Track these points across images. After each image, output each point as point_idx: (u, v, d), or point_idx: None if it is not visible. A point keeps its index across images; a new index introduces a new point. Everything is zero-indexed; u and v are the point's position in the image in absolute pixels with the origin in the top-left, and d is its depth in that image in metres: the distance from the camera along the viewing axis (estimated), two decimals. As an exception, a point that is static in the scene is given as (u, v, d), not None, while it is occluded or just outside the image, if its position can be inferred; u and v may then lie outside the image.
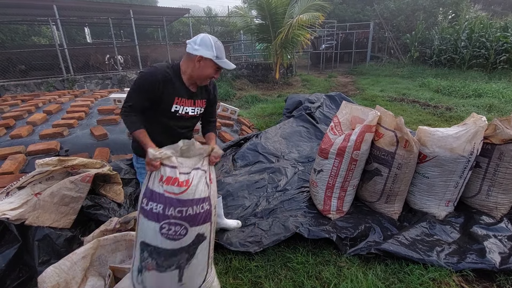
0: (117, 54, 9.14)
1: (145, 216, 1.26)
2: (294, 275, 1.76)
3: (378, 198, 2.32)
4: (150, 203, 1.25)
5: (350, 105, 2.56)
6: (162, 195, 1.23)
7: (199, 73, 1.51)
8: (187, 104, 1.59)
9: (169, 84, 1.50)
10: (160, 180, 1.25)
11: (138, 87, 1.47)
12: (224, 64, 1.51)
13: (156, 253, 1.23)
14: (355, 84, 9.64)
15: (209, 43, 1.47)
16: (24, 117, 3.62)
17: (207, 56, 1.46)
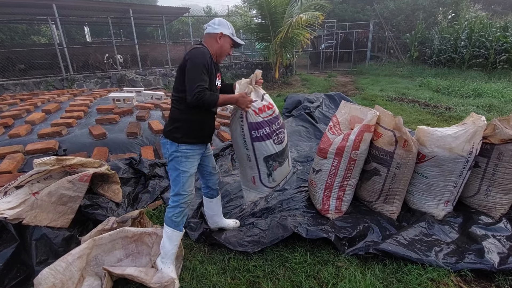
0: (117, 53, 9.13)
1: (259, 141, 1.88)
2: (292, 275, 1.76)
3: (376, 198, 2.31)
4: (258, 130, 1.86)
5: (349, 105, 2.55)
6: (263, 121, 1.86)
7: (220, 49, 1.79)
8: (218, 77, 1.86)
9: (211, 61, 1.71)
10: (256, 114, 1.83)
11: (200, 67, 1.61)
12: (237, 40, 1.83)
13: (276, 156, 1.97)
14: (354, 84, 9.63)
15: (225, 23, 1.79)
16: (23, 116, 3.62)
17: (226, 33, 1.77)
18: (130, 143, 3.18)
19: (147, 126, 3.56)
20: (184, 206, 1.77)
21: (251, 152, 1.93)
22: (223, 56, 1.85)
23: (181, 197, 1.74)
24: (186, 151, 1.71)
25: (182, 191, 1.74)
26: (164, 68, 9.84)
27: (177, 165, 1.72)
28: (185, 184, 1.73)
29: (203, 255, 1.98)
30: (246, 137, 1.89)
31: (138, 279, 1.65)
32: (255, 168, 1.99)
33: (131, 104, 4.16)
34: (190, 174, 1.74)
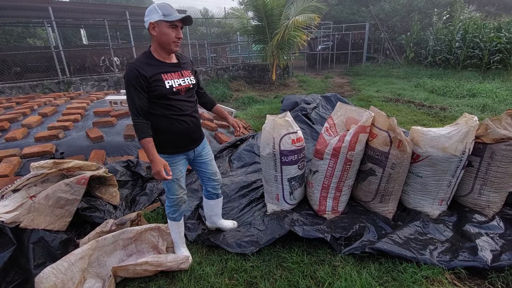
0: (114, 55, 9.12)
1: (287, 165, 2.28)
2: (289, 275, 1.77)
3: (372, 197, 2.34)
4: (288, 157, 2.24)
5: (345, 106, 2.58)
6: (295, 150, 2.25)
7: (160, 39, 1.55)
8: (175, 76, 1.64)
9: (147, 67, 1.54)
10: (293, 143, 2.23)
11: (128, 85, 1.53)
12: (173, 18, 1.52)
13: (298, 179, 2.36)
14: (351, 85, 9.70)
15: (152, 8, 1.54)
16: (19, 119, 3.61)
17: (155, 19, 1.51)
18: (128, 146, 3.19)
19: (144, 129, 3.56)
20: (177, 207, 1.86)
21: (279, 174, 2.29)
22: (170, 44, 1.57)
23: (172, 199, 1.83)
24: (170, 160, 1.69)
25: (170, 195, 1.82)
26: (161, 70, 9.81)
27: None
28: (171, 189, 1.79)
29: (200, 256, 1.99)
30: (277, 161, 2.25)
31: (154, 263, 1.71)
32: (280, 187, 2.34)
33: (128, 106, 4.16)
34: (172, 181, 1.74)
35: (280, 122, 2.25)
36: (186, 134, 1.73)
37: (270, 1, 8.19)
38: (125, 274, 1.71)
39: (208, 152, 1.98)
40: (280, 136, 2.22)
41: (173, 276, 1.81)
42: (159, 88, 1.56)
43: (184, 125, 1.69)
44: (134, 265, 1.69)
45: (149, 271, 1.74)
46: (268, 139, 2.27)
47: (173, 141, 1.70)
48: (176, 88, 1.62)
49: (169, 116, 1.64)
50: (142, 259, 1.73)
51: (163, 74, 1.58)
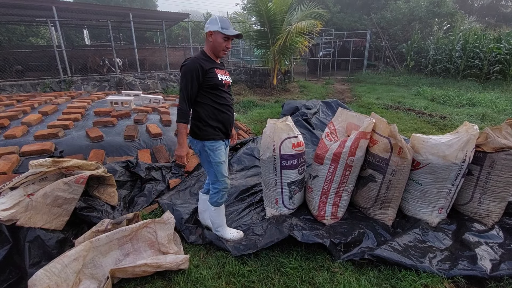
0: (116, 56, 9.15)
1: (287, 169, 2.27)
2: (287, 280, 1.76)
3: (372, 204, 2.33)
4: (288, 161, 2.23)
5: (345, 112, 2.59)
6: (296, 154, 2.25)
7: (214, 45, 1.90)
8: (222, 73, 1.98)
9: (205, 62, 1.87)
10: (293, 148, 2.21)
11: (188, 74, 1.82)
12: (228, 32, 1.86)
13: (298, 183, 2.36)
14: (351, 91, 9.75)
15: (214, 19, 1.87)
16: (19, 117, 3.60)
17: (214, 29, 1.84)
18: (127, 146, 3.18)
19: (145, 130, 3.56)
20: (225, 190, 2.06)
21: (279, 178, 2.30)
22: (219, 52, 1.93)
23: (221, 182, 2.01)
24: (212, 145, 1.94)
25: (220, 178, 2.00)
26: (163, 73, 9.87)
27: (208, 158, 1.96)
28: (221, 171, 2.00)
29: (198, 260, 1.97)
30: (277, 165, 2.24)
31: (154, 265, 1.71)
32: (279, 191, 2.34)
33: (129, 107, 4.16)
34: (221, 163, 1.98)
35: (281, 126, 2.25)
36: (228, 122, 2.02)
37: (273, 7, 8.27)
38: (123, 275, 1.69)
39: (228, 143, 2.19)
40: (281, 140, 2.22)
41: (170, 278, 1.79)
42: (214, 78, 1.88)
43: (228, 114, 2.00)
44: (133, 267, 1.67)
45: (147, 272, 1.72)
46: (268, 143, 2.27)
47: (219, 129, 1.97)
48: (224, 81, 1.96)
49: (217, 106, 1.93)
50: (141, 261, 1.71)
51: (216, 69, 1.92)
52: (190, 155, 1.82)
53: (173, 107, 4.91)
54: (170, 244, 1.97)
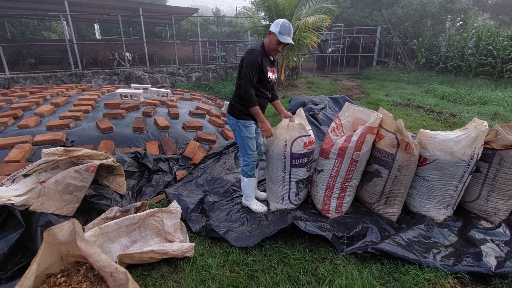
0: (125, 51, 9.25)
1: (297, 168, 2.29)
2: (290, 270, 1.78)
3: (377, 199, 2.33)
4: (299, 160, 2.25)
5: (352, 107, 2.58)
6: (307, 153, 2.26)
7: (268, 44, 2.15)
8: (271, 70, 2.23)
9: (264, 58, 2.11)
10: (304, 146, 2.22)
11: (251, 64, 2.06)
12: (282, 39, 2.07)
13: (304, 181, 2.38)
14: (360, 88, 9.64)
15: (278, 22, 2.08)
16: (32, 108, 3.70)
17: (273, 31, 2.08)
18: (136, 138, 3.24)
19: (153, 122, 3.61)
20: (253, 163, 2.33)
21: (287, 176, 2.32)
22: (271, 50, 2.16)
23: (250, 156, 2.29)
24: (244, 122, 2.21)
25: (249, 152, 2.28)
26: (172, 67, 9.94)
27: (240, 133, 2.23)
28: (251, 146, 2.27)
29: (203, 248, 2.01)
30: (287, 163, 2.27)
31: (160, 252, 1.76)
32: (286, 188, 2.37)
33: (138, 100, 4.22)
34: (251, 139, 2.26)
35: (294, 124, 2.25)
36: (262, 108, 2.24)
37: (282, 1, 8.20)
38: (131, 261, 1.74)
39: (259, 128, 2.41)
40: (293, 138, 2.21)
41: (176, 265, 1.84)
42: (263, 76, 2.15)
43: (262, 104, 2.24)
44: (140, 253, 1.72)
45: (154, 259, 1.77)
46: (277, 140, 2.26)
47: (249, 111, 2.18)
48: (270, 78, 2.23)
49: (258, 93, 2.18)
50: (148, 248, 1.76)
51: (268, 67, 2.18)
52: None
53: (181, 101, 4.95)
54: (176, 232, 2.02)
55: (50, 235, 0.95)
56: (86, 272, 1.00)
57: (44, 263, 0.94)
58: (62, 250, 1.02)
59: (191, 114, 4.22)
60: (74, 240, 0.95)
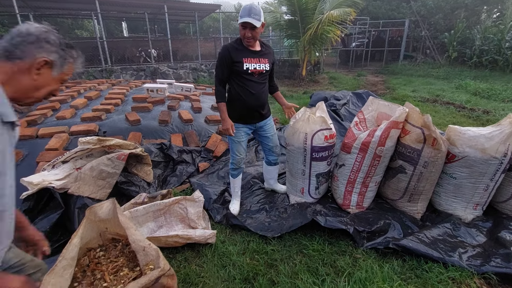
0: (151, 47, 9.58)
1: (317, 161, 2.27)
2: (309, 261, 1.81)
3: (400, 196, 2.28)
4: (319, 153, 2.24)
5: (377, 101, 2.52)
6: (327, 146, 2.24)
7: (240, 34, 2.02)
8: (251, 61, 2.06)
9: (235, 51, 2.02)
10: (325, 140, 2.20)
11: (218, 61, 2.06)
12: (240, 21, 1.92)
13: (325, 175, 2.37)
14: (385, 84, 9.30)
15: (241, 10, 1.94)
16: (68, 101, 3.97)
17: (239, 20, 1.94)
18: (162, 130, 3.38)
19: (177, 115, 3.75)
20: (236, 165, 2.32)
21: (307, 169, 2.32)
22: (243, 39, 2.01)
23: (233, 157, 2.30)
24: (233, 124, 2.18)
25: (232, 154, 2.30)
26: (194, 63, 10.16)
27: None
28: (233, 149, 2.27)
29: (224, 236, 2.09)
30: (307, 156, 2.26)
31: (184, 237, 1.86)
32: (306, 181, 2.37)
33: (163, 94, 4.39)
34: (235, 142, 2.24)
35: (315, 117, 2.24)
36: (248, 109, 2.15)
37: (305, -5, 8.07)
38: (157, 244, 1.84)
39: (270, 128, 2.35)
40: (313, 132, 2.20)
41: (198, 250, 1.93)
42: (238, 68, 2.02)
43: (248, 102, 2.11)
44: (166, 236, 1.83)
45: (178, 243, 1.87)
46: (298, 133, 2.26)
47: (237, 112, 2.16)
48: (252, 70, 2.06)
49: (240, 91, 2.09)
50: (173, 232, 1.86)
51: (244, 58, 2.02)
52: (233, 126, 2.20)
53: (204, 95, 5.08)
54: (199, 220, 2.11)
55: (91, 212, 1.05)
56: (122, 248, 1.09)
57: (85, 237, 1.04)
58: (101, 227, 1.12)
59: (213, 108, 4.32)
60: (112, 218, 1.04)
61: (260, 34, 2.03)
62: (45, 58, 0.84)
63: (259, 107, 2.19)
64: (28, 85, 0.83)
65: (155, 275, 0.90)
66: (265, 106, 2.25)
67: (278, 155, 2.50)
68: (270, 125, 2.36)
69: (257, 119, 2.25)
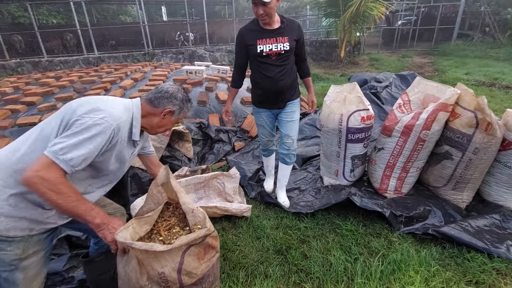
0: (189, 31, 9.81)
1: (353, 143, 2.23)
2: (342, 240, 1.83)
3: (444, 183, 2.16)
4: (355, 134, 2.19)
5: (424, 82, 2.36)
6: (364, 128, 2.18)
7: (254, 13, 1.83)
8: (268, 42, 1.88)
9: (249, 33, 1.91)
10: (362, 121, 2.14)
11: (235, 46, 1.99)
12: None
13: (361, 157, 2.31)
14: (433, 65, 8.50)
15: None
16: (117, 82, 4.31)
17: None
18: (200, 110, 3.54)
19: (214, 96, 3.87)
20: (263, 146, 2.29)
21: (342, 151, 2.27)
22: (258, 18, 1.84)
23: (259, 139, 2.29)
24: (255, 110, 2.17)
25: (258, 134, 2.28)
26: (230, 45, 10.21)
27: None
28: (258, 131, 2.26)
29: (259, 211, 2.19)
30: (342, 138, 2.21)
31: (222, 208, 2.00)
32: (341, 163, 2.33)
33: (201, 76, 4.54)
34: (257, 124, 2.21)
35: (351, 97, 2.17)
36: (266, 95, 2.02)
37: (348, -30, 7.54)
38: None
39: (288, 114, 2.09)
40: (349, 112, 2.16)
41: (235, 222, 2.06)
42: (252, 50, 1.90)
43: (265, 86, 1.98)
44: (205, 207, 1.97)
45: (217, 214, 2.01)
46: (333, 114, 2.21)
47: (256, 96, 2.08)
48: (266, 52, 1.87)
49: (257, 75, 1.99)
50: (212, 204, 2.00)
51: (258, 40, 1.87)
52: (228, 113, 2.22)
53: (239, 77, 5.14)
54: (235, 195, 2.23)
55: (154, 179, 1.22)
56: (174, 210, 1.22)
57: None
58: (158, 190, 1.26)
59: (248, 90, 4.37)
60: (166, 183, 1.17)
61: (276, 9, 1.83)
62: (170, 109, 1.20)
63: (278, 93, 1.97)
64: (155, 123, 1.21)
65: (203, 233, 1.01)
66: (286, 91, 1.99)
67: (290, 151, 2.14)
68: (290, 110, 2.07)
69: (278, 105, 2.05)
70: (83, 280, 1.52)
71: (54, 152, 0.87)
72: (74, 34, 9.11)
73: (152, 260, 0.92)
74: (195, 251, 1.02)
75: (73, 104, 1.01)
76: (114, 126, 0.98)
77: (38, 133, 0.99)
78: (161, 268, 0.92)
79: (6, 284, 0.94)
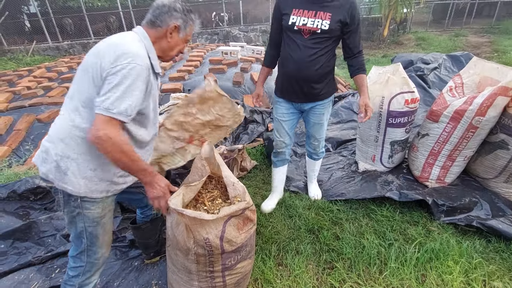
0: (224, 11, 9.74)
1: (394, 127, 2.12)
2: (376, 225, 1.81)
3: (495, 175, 2.00)
4: (397, 119, 2.07)
5: (482, 63, 2.13)
6: (407, 112, 2.06)
7: None
8: (306, 14, 1.48)
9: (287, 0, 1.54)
10: (406, 104, 2.02)
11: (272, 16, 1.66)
12: None
13: (401, 143, 2.21)
14: (492, 46, 7.55)
15: None
16: (157, 63, 4.51)
17: None
18: (235, 91, 3.59)
19: (249, 77, 3.88)
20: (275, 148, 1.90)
21: (381, 136, 2.18)
22: None
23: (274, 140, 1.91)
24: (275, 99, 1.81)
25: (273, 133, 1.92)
26: (264, 25, 9.99)
27: None
28: (273, 127, 1.90)
29: (290, 193, 2.23)
30: (382, 121, 2.12)
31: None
32: (379, 149, 2.24)
33: (236, 57, 4.55)
34: (274, 119, 1.82)
35: (395, 79, 2.04)
36: (287, 81, 1.63)
37: None
38: None
39: (318, 117, 1.75)
40: (392, 95, 2.04)
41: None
42: (284, 21, 1.54)
43: (288, 71, 1.60)
44: None
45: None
46: (374, 97, 2.08)
47: (278, 82, 1.73)
48: (298, 26, 1.49)
49: (283, 55, 1.62)
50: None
51: (294, 9, 1.50)
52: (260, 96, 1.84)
53: (274, 58, 5.05)
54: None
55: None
56: (216, 183, 1.31)
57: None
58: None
59: (284, 71, 4.30)
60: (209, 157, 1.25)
61: None
62: (174, 23, 1.06)
63: (302, 81, 1.58)
64: (166, 46, 1.10)
65: (243, 206, 1.07)
66: (313, 83, 1.58)
67: (316, 151, 1.94)
68: (319, 112, 1.72)
69: (299, 98, 1.66)
70: (133, 240, 1.70)
71: (107, 109, 0.90)
72: (117, 16, 9.53)
73: (199, 227, 1.00)
74: (235, 222, 1.09)
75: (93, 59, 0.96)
76: (144, 65, 0.96)
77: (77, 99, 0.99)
78: (206, 234, 1.01)
79: (90, 236, 1.10)
